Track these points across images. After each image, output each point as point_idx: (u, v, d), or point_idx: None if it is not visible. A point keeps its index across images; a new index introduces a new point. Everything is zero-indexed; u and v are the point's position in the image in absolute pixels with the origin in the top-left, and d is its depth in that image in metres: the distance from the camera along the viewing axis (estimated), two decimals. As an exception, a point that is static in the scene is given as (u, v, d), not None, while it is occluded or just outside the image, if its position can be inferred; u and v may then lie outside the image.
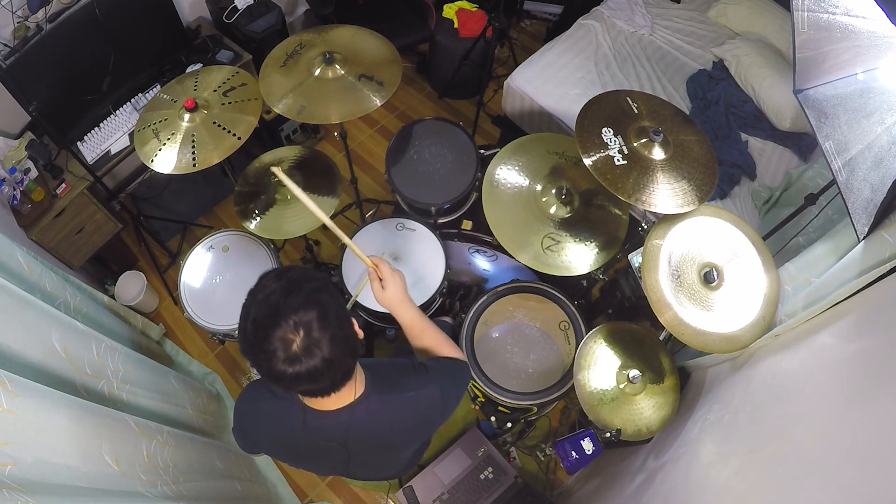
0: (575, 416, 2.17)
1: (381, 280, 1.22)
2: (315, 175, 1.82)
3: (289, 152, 1.89)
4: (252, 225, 1.74)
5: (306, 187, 1.79)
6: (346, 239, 1.22)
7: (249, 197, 1.79)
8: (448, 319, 1.88)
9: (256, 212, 1.76)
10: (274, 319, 0.83)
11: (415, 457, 1.53)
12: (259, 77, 1.70)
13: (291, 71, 1.68)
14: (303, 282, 0.88)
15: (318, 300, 0.87)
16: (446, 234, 1.93)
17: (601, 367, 1.53)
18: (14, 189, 2.00)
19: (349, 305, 1.47)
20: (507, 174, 1.70)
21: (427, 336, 1.24)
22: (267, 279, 0.89)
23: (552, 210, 1.64)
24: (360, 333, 0.97)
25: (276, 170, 1.21)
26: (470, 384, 1.66)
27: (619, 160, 1.42)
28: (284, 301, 0.84)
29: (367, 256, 1.21)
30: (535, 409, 1.68)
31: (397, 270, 1.24)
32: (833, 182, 1.16)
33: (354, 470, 1.24)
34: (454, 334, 1.73)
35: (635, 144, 1.45)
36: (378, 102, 1.61)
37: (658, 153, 1.44)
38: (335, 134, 2.03)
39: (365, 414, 1.04)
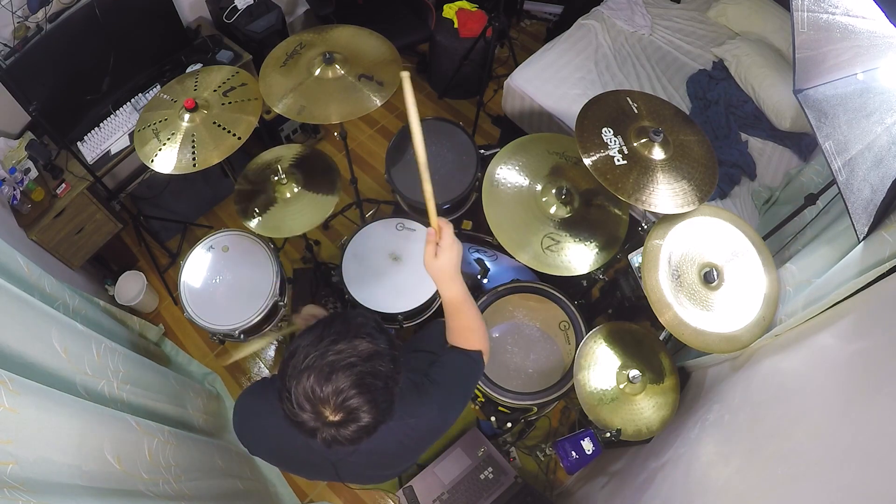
0: (575, 416, 2.17)
1: (437, 245, 1.07)
2: (315, 175, 1.82)
3: (289, 152, 1.89)
4: (252, 224, 1.74)
5: (306, 187, 1.79)
6: (429, 192, 1.05)
7: (249, 196, 1.79)
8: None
9: (256, 211, 1.76)
10: (329, 386, 0.82)
11: (408, 467, 1.54)
12: (259, 77, 1.70)
13: (291, 71, 1.68)
14: (385, 382, 0.86)
15: (381, 411, 0.86)
16: (446, 234, 1.93)
17: (601, 367, 1.53)
18: (14, 189, 2.00)
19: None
20: (507, 174, 1.70)
21: (463, 317, 1.14)
22: (358, 340, 0.86)
23: (552, 210, 1.64)
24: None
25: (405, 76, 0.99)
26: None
27: (619, 160, 1.42)
28: (353, 386, 0.82)
29: (435, 217, 1.08)
30: (535, 409, 1.68)
31: (457, 241, 1.09)
32: (833, 182, 1.16)
33: (344, 479, 1.24)
34: None
35: (635, 144, 1.45)
36: (378, 102, 1.61)
37: (658, 153, 1.44)
38: (335, 134, 2.03)
39: (368, 440, 1.04)
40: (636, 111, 1.52)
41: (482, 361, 1.15)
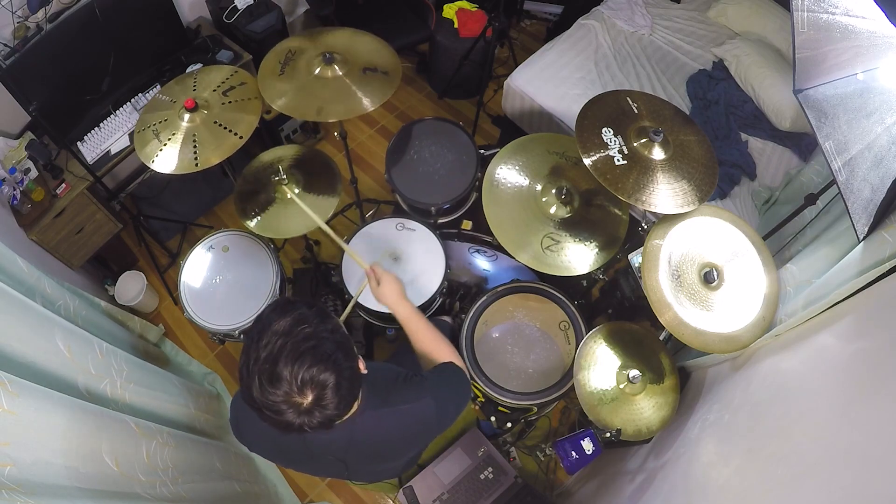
0: (575, 416, 2.17)
1: (377, 280, 1.30)
2: (315, 175, 1.82)
3: (289, 152, 1.89)
4: (252, 224, 1.74)
5: (306, 187, 1.79)
6: (341, 242, 1.27)
7: (249, 196, 1.79)
8: (447, 319, 1.88)
9: (256, 211, 1.76)
10: (280, 378, 0.82)
11: (412, 460, 1.54)
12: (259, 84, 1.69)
13: (291, 77, 1.68)
14: (320, 338, 0.86)
15: (336, 363, 0.86)
16: (446, 234, 1.93)
17: (601, 367, 1.53)
18: (14, 189, 2.00)
19: (349, 308, 1.48)
20: (507, 174, 1.70)
21: (426, 335, 1.26)
22: (274, 323, 0.86)
23: (552, 210, 1.64)
24: (363, 370, 0.96)
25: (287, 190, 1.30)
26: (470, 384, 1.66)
27: (619, 160, 1.42)
28: (296, 361, 0.83)
29: (363, 263, 1.28)
30: (535, 409, 1.67)
31: (392, 273, 1.32)
32: (833, 182, 1.16)
33: (353, 476, 1.25)
34: (453, 334, 1.73)
35: (635, 144, 1.45)
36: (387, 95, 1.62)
37: (658, 153, 1.44)
38: (335, 134, 2.03)
39: (362, 429, 1.04)
40: (636, 111, 1.52)
41: (462, 369, 1.21)
